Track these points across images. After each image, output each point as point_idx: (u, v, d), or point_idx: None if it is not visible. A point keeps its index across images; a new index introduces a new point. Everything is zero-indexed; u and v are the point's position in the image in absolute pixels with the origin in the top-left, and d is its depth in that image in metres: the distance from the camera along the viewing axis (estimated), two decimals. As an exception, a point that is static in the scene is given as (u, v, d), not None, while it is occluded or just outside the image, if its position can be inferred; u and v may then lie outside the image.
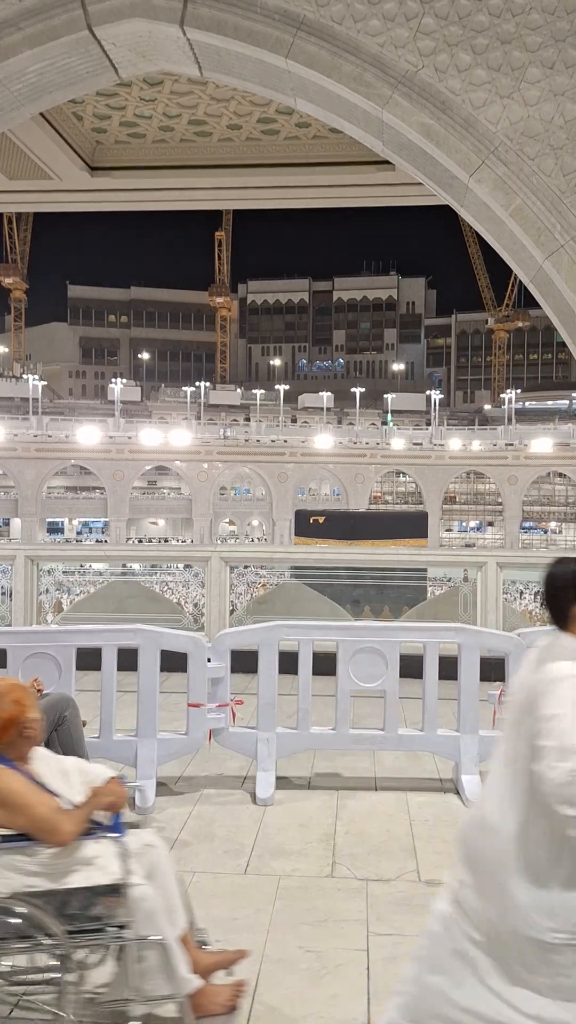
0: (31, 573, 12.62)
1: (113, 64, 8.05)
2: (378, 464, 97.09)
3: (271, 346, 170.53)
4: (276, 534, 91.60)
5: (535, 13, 7.08)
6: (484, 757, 8.04)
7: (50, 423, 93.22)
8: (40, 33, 7.59)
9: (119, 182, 12.99)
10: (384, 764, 8.98)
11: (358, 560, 15.90)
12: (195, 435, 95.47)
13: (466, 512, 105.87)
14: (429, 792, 8.32)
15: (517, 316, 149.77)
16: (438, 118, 7.20)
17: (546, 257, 7.21)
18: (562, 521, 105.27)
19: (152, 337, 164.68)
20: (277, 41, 7.33)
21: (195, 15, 7.39)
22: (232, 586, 13.71)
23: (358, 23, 7.23)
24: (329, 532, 46.59)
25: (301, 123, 11.73)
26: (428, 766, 8.93)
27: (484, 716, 8.43)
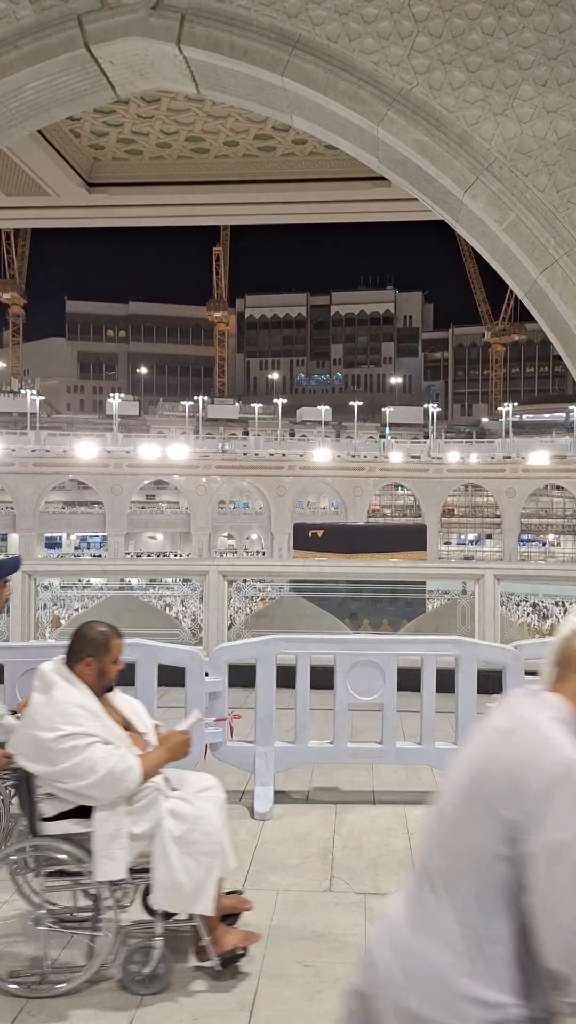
0: (28, 588, 12.63)
1: (110, 82, 8.10)
2: (376, 477, 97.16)
3: (269, 360, 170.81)
4: (275, 548, 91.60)
5: (527, 32, 7.14)
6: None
7: (48, 438, 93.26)
8: (37, 51, 7.65)
9: (117, 198, 13.05)
10: (382, 778, 8.99)
11: (356, 573, 15.92)
12: (193, 449, 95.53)
13: (465, 525, 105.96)
14: (428, 806, 8.31)
15: (514, 330, 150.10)
16: (432, 135, 7.26)
17: (540, 272, 7.26)
18: (560, 533, 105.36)
19: (150, 352, 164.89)
20: (273, 59, 7.38)
21: (191, 34, 7.45)
22: (230, 600, 13.72)
23: (353, 41, 7.29)
24: (328, 545, 46.58)
25: (298, 140, 11.79)
26: (426, 779, 8.93)
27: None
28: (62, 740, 4.95)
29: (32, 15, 7.58)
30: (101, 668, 5.32)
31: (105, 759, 4.96)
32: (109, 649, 5.36)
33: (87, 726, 5.06)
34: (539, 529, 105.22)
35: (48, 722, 4.97)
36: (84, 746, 4.96)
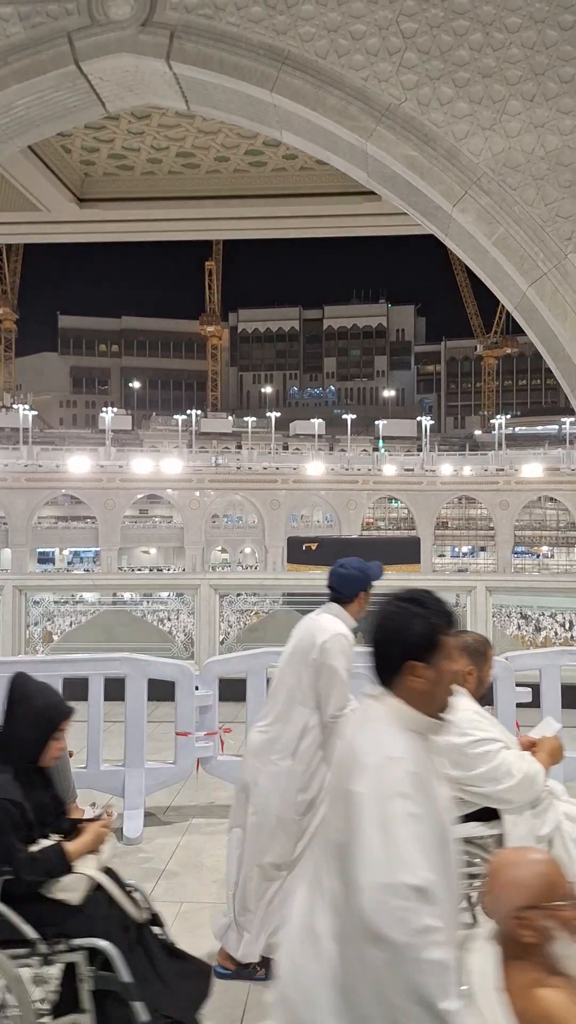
0: (19, 603, 12.61)
1: (100, 98, 8.15)
2: (370, 490, 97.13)
3: (262, 374, 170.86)
4: (269, 561, 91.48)
5: (515, 48, 7.19)
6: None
7: (40, 453, 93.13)
8: (27, 68, 7.69)
9: (108, 213, 13.08)
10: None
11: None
12: (186, 463, 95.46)
13: (458, 537, 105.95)
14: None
15: (505, 342, 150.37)
16: (421, 150, 7.31)
17: (529, 285, 7.30)
18: (554, 545, 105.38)
19: (143, 366, 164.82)
20: (262, 75, 7.43)
21: (181, 50, 7.50)
22: (223, 615, 13.71)
23: (342, 57, 7.34)
24: (322, 559, 46.46)
25: (288, 155, 11.83)
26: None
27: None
28: (474, 745, 5.02)
29: (22, 32, 7.63)
30: (480, 676, 5.45)
31: (518, 763, 5.06)
32: (487, 658, 5.51)
33: (491, 732, 5.17)
34: (533, 541, 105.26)
35: (455, 727, 5.05)
36: (496, 751, 5.05)
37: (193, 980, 4.58)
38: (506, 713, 8.56)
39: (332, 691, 5.52)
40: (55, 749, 4.70)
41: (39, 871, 4.37)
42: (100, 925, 4.37)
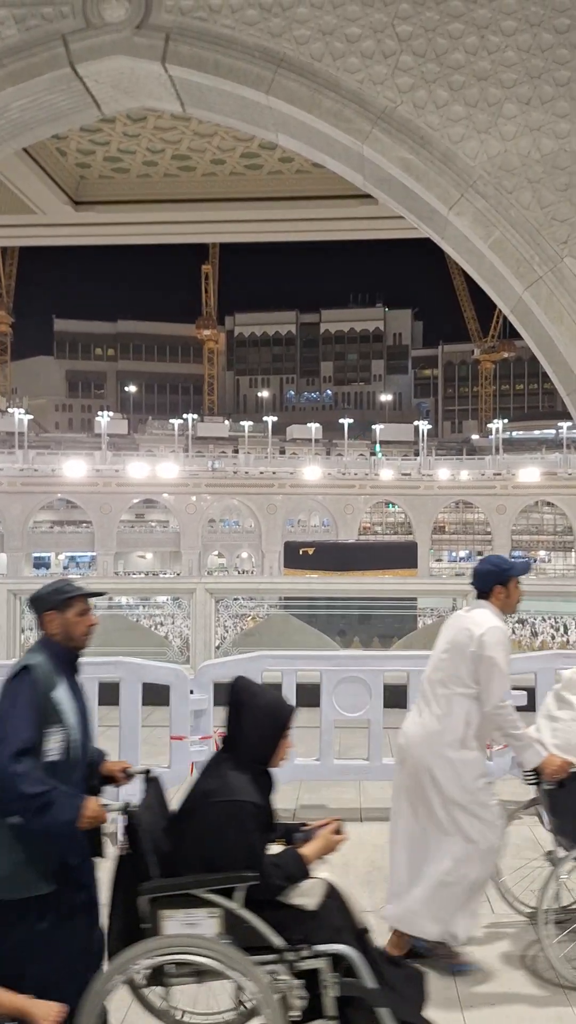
0: (14, 607, 12.59)
1: (96, 100, 8.14)
2: (367, 495, 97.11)
3: (259, 378, 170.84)
4: (265, 566, 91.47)
5: (510, 51, 7.20)
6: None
7: (36, 457, 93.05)
8: (22, 70, 7.69)
9: (104, 216, 13.08)
10: (369, 795, 8.97)
11: (345, 590, 15.90)
12: (183, 467, 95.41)
13: (456, 542, 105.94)
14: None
15: (502, 347, 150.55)
16: (417, 153, 7.31)
17: (525, 288, 7.30)
18: (551, 549, 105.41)
19: (139, 370, 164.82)
20: (258, 78, 7.43)
21: (176, 52, 7.50)
22: (219, 619, 13.70)
23: (337, 60, 7.34)
24: (319, 563, 46.50)
25: (284, 158, 11.83)
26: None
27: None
28: None
29: (17, 34, 7.63)
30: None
31: None
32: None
33: None
34: (530, 546, 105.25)
35: None
36: None
37: (414, 984, 4.58)
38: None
39: (492, 682, 5.70)
40: (284, 749, 4.70)
41: (282, 876, 4.34)
42: (340, 931, 4.34)
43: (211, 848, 4.30)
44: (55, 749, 4.44)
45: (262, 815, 4.43)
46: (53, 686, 4.53)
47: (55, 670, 4.60)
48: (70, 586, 4.82)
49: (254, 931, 4.21)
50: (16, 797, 4.22)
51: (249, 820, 4.34)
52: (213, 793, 4.42)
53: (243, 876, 4.21)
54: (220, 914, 4.21)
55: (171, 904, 4.25)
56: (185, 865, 4.35)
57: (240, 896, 4.23)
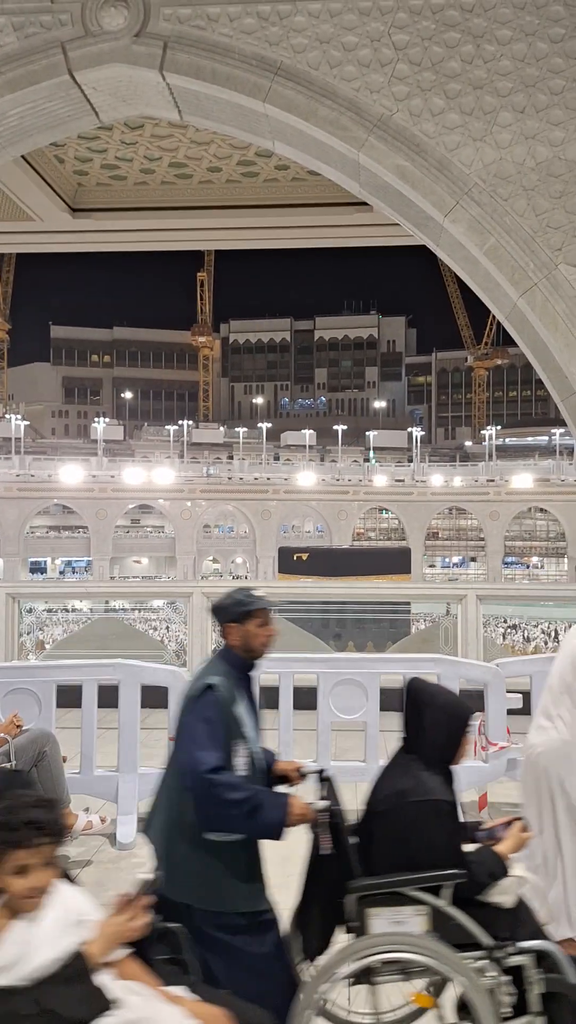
0: (12, 611, 12.62)
1: (94, 108, 8.20)
2: (361, 501, 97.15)
3: (253, 385, 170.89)
4: (260, 571, 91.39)
5: (505, 60, 7.27)
6: (465, 788, 8.07)
7: (32, 463, 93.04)
8: (21, 78, 7.74)
9: (101, 223, 13.12)
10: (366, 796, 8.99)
11: (341, 594, 15.96)
12: (178, 473, 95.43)
13: (449, 548, 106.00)
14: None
15: (496, 354, 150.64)
16: (413, 160, 7.37)
17: (520, 295, 7.36)
18: (544, 556, 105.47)
19: (135, 376, 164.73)
20: (255, 86, 7.50)
21: (174, 60, 7.56)
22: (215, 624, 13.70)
23: (334, 69, 7.41)
24: (313, 569, 46.59)
25: (280, 165, 11.89)
26: (409, 799, 8.93)
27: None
28: None
29: (15, 42, 7.69)
30: None
31: None
32: None
33: None
34: (523, 552, 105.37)
35: None
36: None
37: None
38: (497, 720, 8.61)
39: None
40: (466, 747, 4.70)
41: (485, 874, 4.36)
42: (540, 927, 4.39)
43: (414, 847, 4.32)
44: (241, 764, 4.52)
45: (455, 813, 4.47)
46: (234, 701, 4.63)
47: (234, 684, 4.69)
48: (251, 597, 4.90)
49: (461, 928, 4.23)
50: (225, 806, 4.30)
51: (448, 819, 4.39)
52: (409, 793, 4.44)
53: (453, 874, 4.25)
54: (427, 912, 4.24)
55: (378, 902, 4.28)
56: (383, 864, 4.37)
57: (447, 894, 4.26)
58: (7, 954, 3.22)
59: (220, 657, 4.84)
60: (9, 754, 7.05)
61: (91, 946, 3.37)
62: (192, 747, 4.42)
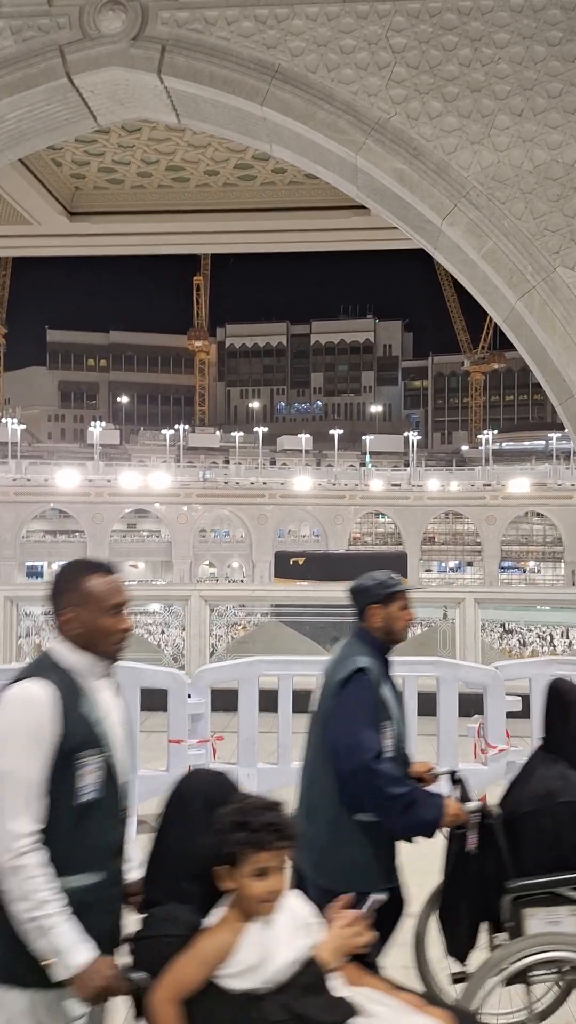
0: (10, 614, 12.62)
1: (92, 111, 8.20)
2: (357, 505, 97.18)
3: (250, 389, 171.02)
4: (256, 576, 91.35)
5: (503, 63, 7.28)
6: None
7: (29, 467, 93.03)
8: (19, 81, 7.74)
9: (98, 227, 13.10)
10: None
11: (339, 598, 15.92)
12: (174, 478, 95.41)
13: (445, 552, 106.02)
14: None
15: (493, 358, 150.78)
16: (411, 163, 7.37)
17: (518, 298, 7.36)
18: (540, 560, 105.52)
19: (131, 381, 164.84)
20: (252, 89, 7.50)
21: (172, 64, 7.56)
22: (212, 628, 13.74)
23: (331, 72, 7.41)
24: (309, 573, 46.57)
25: (277, 169, 11.88)
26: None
27: (464, 750, 8.48)
28: None
29: (13, 45, 7.69)
30: None
31: None
32: None
33: None
34: (519, 556, 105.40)
35: None
36: None
37: None
38: (497, 723, 8.61)
39: None
40: None
41: None
42: None
43: (567, 846, 4.34)
44: (388, 746, 4.51)
45: None
46: (379, 684, 4.62)
47: (378, 666, 4.68)
48: (393, 579, 4.91)
49: None
50: (383, 798, 4.31)
51: None
52: (558, 793, 4.45)
53: None
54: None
55: (534, 903, 4.29)
56: (532, 864, 4.37)
57: None
58: (249, 957, 3.17)
59: (359, 639, 4.83)
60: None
61: (321, 952, 3.33)
62: (351, 731, 4.42)
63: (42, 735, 3.26)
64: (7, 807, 3.17)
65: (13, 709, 3.31)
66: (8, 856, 3.13)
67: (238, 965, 3.15)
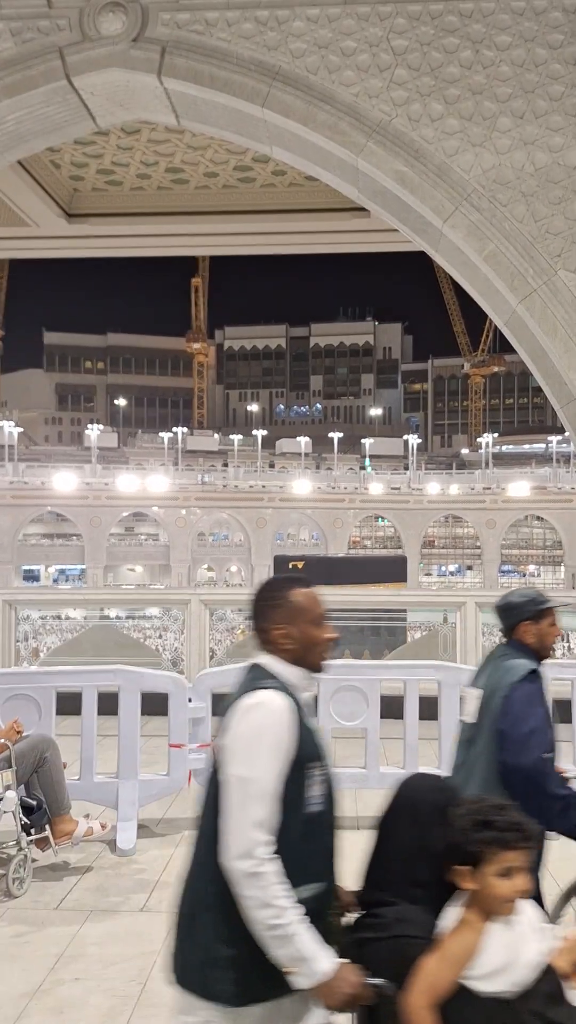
0: (8, 617, 12.59)
1: (91, 113, 8.18)
2: (357, 509, 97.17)
3: (248, 391, 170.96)
4: (255, 579, 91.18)
5: (504, 66, 7.26)
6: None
7: (26, 470, 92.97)
8: (18, 83, 7.73)
9: (96, 229, 13.07)
10: (366, 803, 8.95)
11: (338, 601, 15.89)
12: (173, 481, 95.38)
13: (445, 556, 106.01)
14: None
15: (493, 361, 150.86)
16: (412, 165, 7.35)
17: (519, 301, 7.34)
18: (540, 564, 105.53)
19: (129, 383, 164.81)
20: (253, 91, 7.48)
21: (172, 65, 7.54)
22: (211, 633, 13.70)
23: (332, 74, 7.39)
24: (308, 577, 46.47)
25: (277, 171, 11.87)
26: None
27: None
28: None
29: (13, 47, 7.67)
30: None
31: None
32: None
33: None
34: (519, 560, 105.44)
35: None
36: None
37: None
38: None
39: None
40: None
41: None
42: None
43: None
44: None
45: None
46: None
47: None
48: (543, 596, 4.96)
49: None
50: (544, 796, 4.39)
51: None
52: None
53: None
54: None
55: None
56: None
57: None
58: (495, 959, 3.11)
59: (516, 650, 4.86)
60: (10, 759, 7.03)
61: (559, 958, 3.26)
62: (529, 730, 4.49)
63: (282, 745, 3.28)
64: (251, 814, 3.19)
65: (257, 717, 3.34)
66: (250, 863, 3.14)
67: (485, 967, 3.10)
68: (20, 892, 6.87)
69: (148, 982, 5.52)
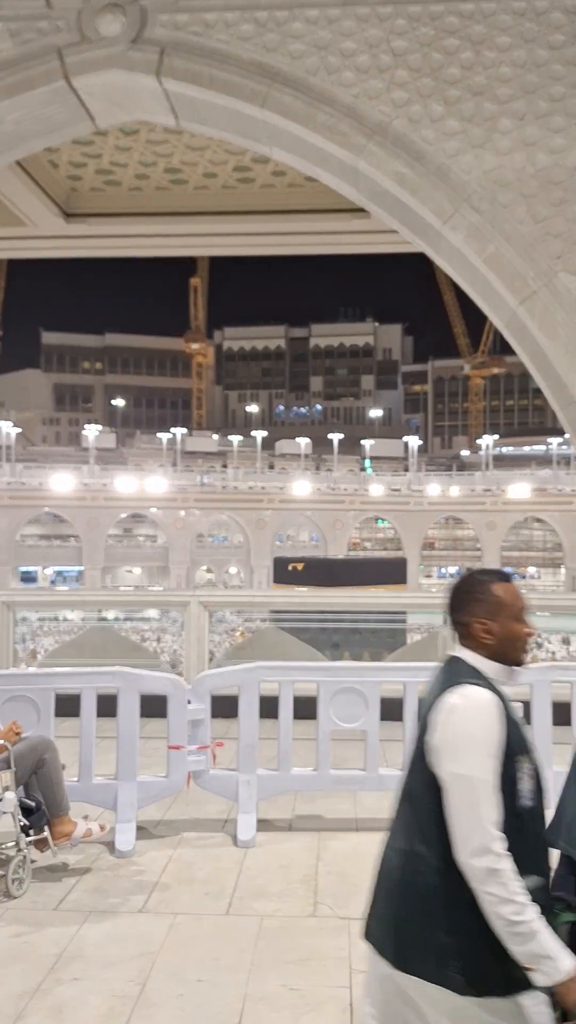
0: (6, 619, 12.56)
1: (90, 114, 8.19)
2: (356, 510, 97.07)
3: (248, 392, 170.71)
4: (254, 581, 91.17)
5: (505, 67, 7.26)
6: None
7: (23, 471, 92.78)
8: (18, 83, 7.73)
9: (94, 229, 13.07)
10: (365, 805, 8.95)
11: (338, 603, 15.88)
12: (171, 482, 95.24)
13: (445, 558, 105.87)
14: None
15: (493, 362, 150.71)
16: (412, 167, 7.36)
17: (519, 303, 7.34)
18: (540, 566, 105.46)
19: (127, 384, 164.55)
20: (252, 92, 7.49)
21: (171, 66, 7.55)
22: (210, 634, 13.68)
23: (332, 75, 7.40)
24: (308, 579, 46.49)
25: (276, 171, 11.87)
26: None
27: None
28: None
29: (12, 48, 7.68)
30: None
31: None
32: None
33: None
34: (520, 562, 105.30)
35: None
36: None
37: None
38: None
39: None
40: None
41: None
42: None
43: None
44: None
45: None
46: None
47: None
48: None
49: None
50: None
51: None
52: None
53: None
54: None
55: None
56: None
57: None
58: None
59: None
60: (9, 761, 7.02)
61: None
62: None
63: (496, 740, 3.28)
64: (484, 811, 3.19)
65: (469, 714, 3.32)
66: (488, 860, 3.14)
67: None
68: (19, 893, 6.86)
69: (147, 982, 5.52)
